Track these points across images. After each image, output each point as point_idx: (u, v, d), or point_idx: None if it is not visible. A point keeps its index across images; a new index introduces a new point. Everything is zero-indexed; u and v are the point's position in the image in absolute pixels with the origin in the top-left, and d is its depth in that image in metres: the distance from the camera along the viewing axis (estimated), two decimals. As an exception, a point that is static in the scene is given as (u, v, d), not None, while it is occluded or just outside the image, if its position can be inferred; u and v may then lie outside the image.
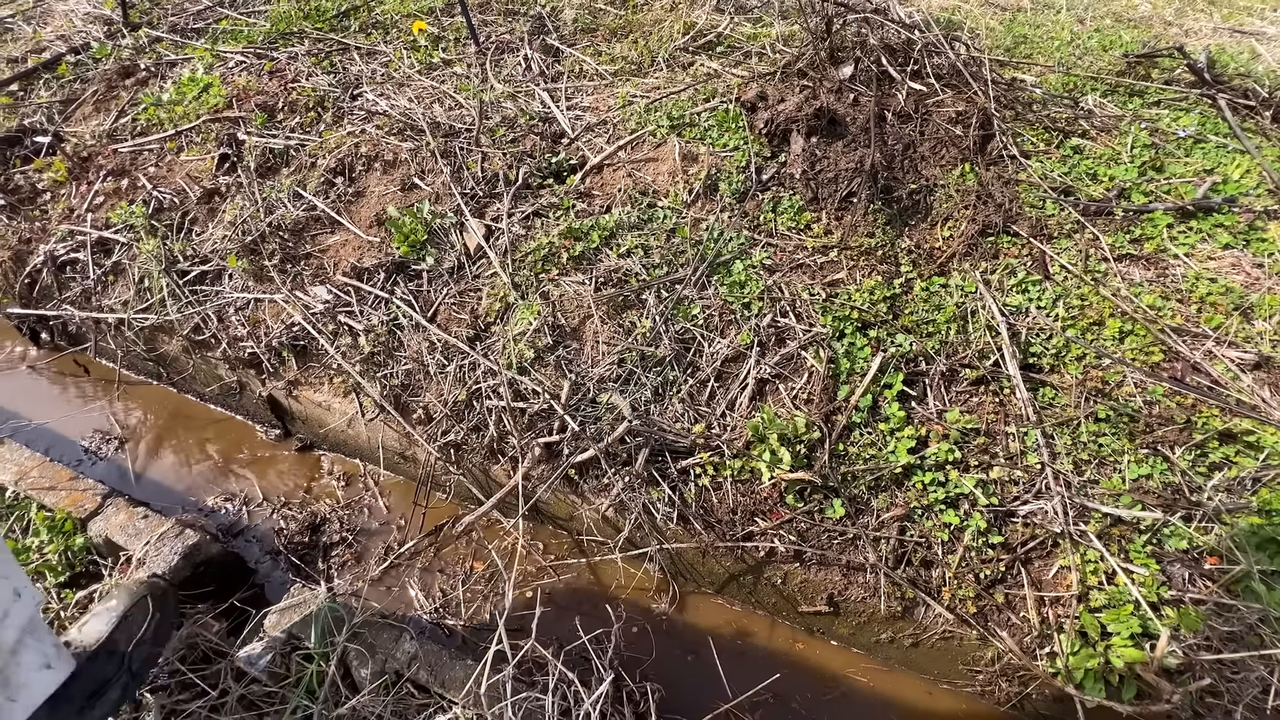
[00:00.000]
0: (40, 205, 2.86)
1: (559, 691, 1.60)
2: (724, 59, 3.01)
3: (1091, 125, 2.53)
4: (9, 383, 2.89)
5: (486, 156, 2.59)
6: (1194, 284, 2.03)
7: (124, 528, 2.02)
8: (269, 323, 2.40)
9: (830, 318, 2.08)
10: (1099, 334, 1.98)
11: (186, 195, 2.69)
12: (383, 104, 2.84)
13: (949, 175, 2.36)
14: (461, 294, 2.30)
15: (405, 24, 3.33)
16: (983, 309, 2.05)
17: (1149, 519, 1.66)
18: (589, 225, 2.34)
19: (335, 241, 2.51)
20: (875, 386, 1.95)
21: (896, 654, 1.91)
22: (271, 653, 1.72)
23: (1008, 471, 1.80)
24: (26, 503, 2.12)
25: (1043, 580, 1.71)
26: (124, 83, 3.17)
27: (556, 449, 2.02)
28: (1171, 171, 2.34)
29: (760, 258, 2.24)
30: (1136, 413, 1.80)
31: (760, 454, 1.87)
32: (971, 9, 3.42)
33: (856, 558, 1.80)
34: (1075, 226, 2.22)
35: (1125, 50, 2.95)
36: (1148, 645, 1.54)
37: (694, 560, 1.99)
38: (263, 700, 1.68)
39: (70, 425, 2.71)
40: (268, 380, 2.46)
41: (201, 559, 1.98)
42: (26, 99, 3.19)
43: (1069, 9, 3.47)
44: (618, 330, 2.13)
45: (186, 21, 3.52)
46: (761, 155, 2.48)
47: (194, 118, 2.89)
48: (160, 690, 1.69)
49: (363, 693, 1.64)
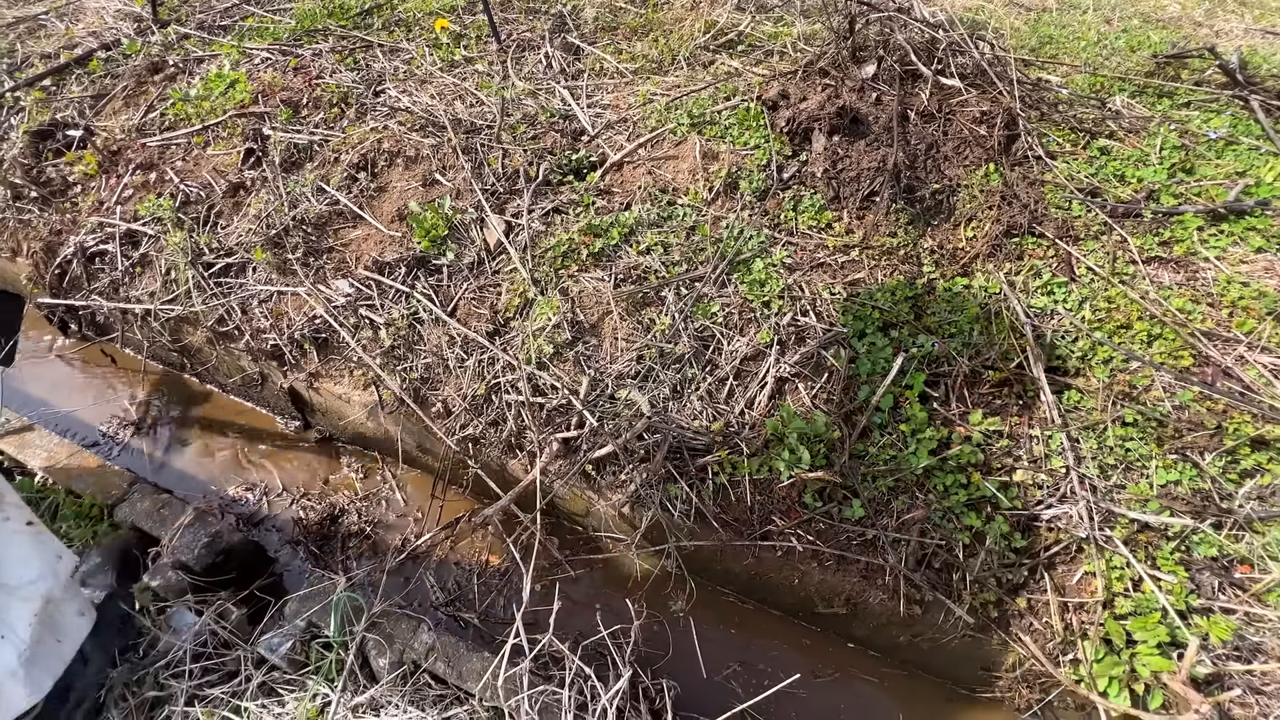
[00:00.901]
0: (71, 198, 2.92)
1: (575, 686, 1.60)
2: (745, 57, 3.00)
3: (1119, 126, 2.49)
4: (39, 371, 2.95)
5: (507, 153, 2.60)
6: (1225, 288, 1.99)
7: (149, 515, 2.06)
8: (291, 315, 2.43)
9: (851, 317, 2.07)
10: (1127, 337, 1.95)
11: (212, 189, 2.73)
12: (405, 101, 2.86)
13: (973, 175, 2.33)
14: (481, 289, 2.31)
15: (428, 22, 3.36)
16: (1007, 310, 2.03)
17: (1177, 525, 1.63)
18: (609, 222, 2.34)
19: (357, 236, 2.53)
20: (896, 387, 1.93)
21: (915, 657, 1.89)
22: (291, 640, 1.74)
23: (1031, 475, 1.78)
24: (55, 488, 2.16)
25: (1066, 586, 1.68)
26: (153, 78, 3.22)
27: (574, 444, 2.02)
28: (1202, 174, 2.30)
29: (781, 256, 2.23)
30: (1165, 417, 1.76)
31: (779, 453, 1.86)
32: (996, 9, 3.39)
33: (875, 559, 1.79)
34: (1102, 228, 2.18)
35: (1154, 51, 2.90)
36: (1175, 654, 1.51)
37: (711, 558, 1.98)
38: (283, 686, 1.70)
39: (96, 413, 2.77)
40: (289, 372, 2.48)
41: (223, 547, 2.01)
42: (59, 94, 3.25)
43: (1095, 9, 3.43)
44: (637, 327, 2.13)
45: (214, 19, 3.58)
46: (782, 154, 2.47)
47: (220, 113, 2.93)
48: (182, 675, 1.72)
49: (382, 682, 1.65)
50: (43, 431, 2.35)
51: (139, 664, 1.75)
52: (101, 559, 1.90)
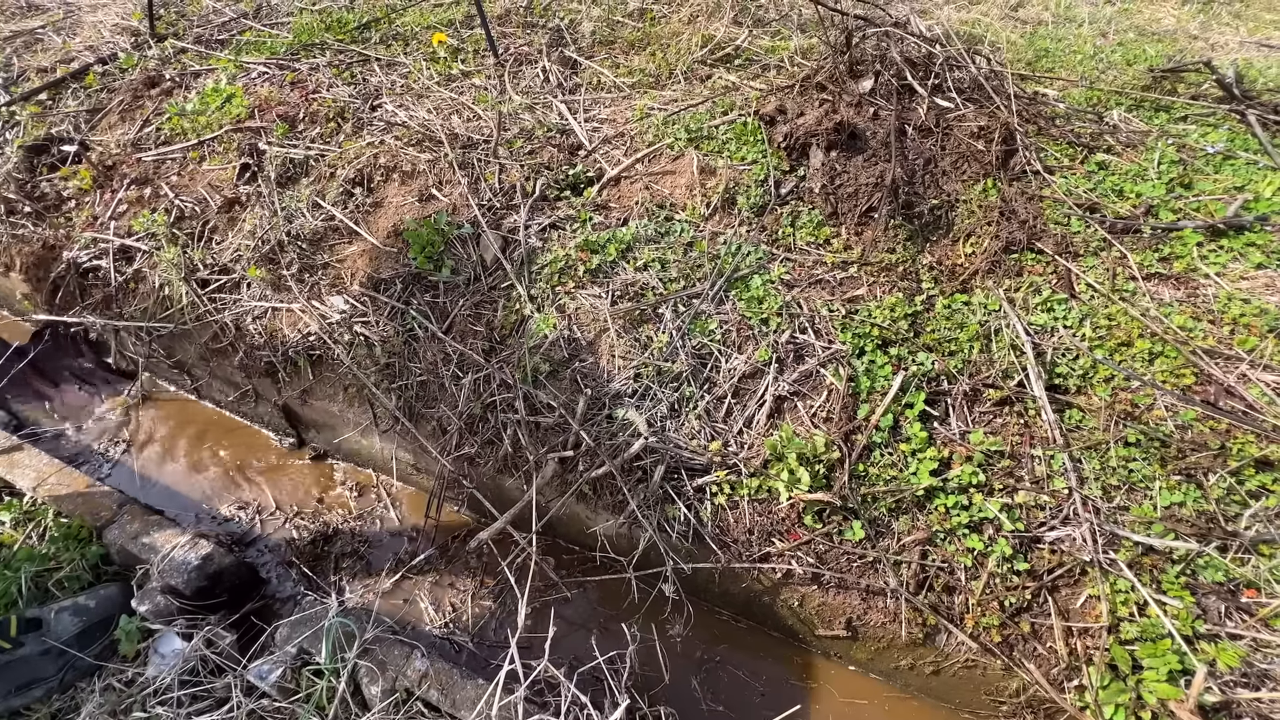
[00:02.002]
0: (65, 212, 2.90)
1: (571, 715, 1.57)
2: (742, 72, 3.00)
3: (1117, 140, 2.48)
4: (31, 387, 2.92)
5: (504, 168, 2.59)
6: (1226, 304, 1.97)
7: (138, 535, 2.03)
8: (285, 332, 2.41)
9: (850, 334, 2.05)
10: (1128, 355, 1.93)
11: (207, 204, 2.71)
12: (402, 115, 2.86)
13: (971, 191, 2.33)
14: (477, 306, 2.29)
15: (425, 36, 3.36)
16: (1007, 327, 2.01)
17: (1182, 549, 1.60)
18: (606, 238, 2.33)
19: (353, 251, 2.52)
20: (896, 406, 1.91)
21: (916, 681, 1.86)
22: (282, 667, 1.70)
23: (1034, 496, 1.76)
24: (44, 509, 2.13)
25: (1070, 609, 1.65)
26: (149, 92, 3.21)
27: (571, 464, 2.00)
28: (1200, 188, 2.29)
29: (779, 273, 2.22)
30: (1168, 437, 1.74)
31: (778, 473, 1.83)
32: (992, 22, 3.39)
33: (876, 582, 1.76)
34: (1102, 244, 2.17)
35: (1150, 64, 2.90)
36: (1182, 681, 1.48)
37: (709, 580, 1.95)
38: (272, 715, 1.67)
39: (88, 431, 2.73)
40: (283, 389, 2.46)
41: (214, 569, 1.98)
42: (55, 108, 3.25)
43: (1091, 22, 3.44)
44: (634, 345, 2.11)
45: (211, 33, 3.58)
46: (780, 169, 2.46)
47: (216, 127, 2.92)
48: (170, 704, 1.68)
49: (373, 711, 1.62)
50: (31, 450, 2.32)
51: (125, 691, 1.72)
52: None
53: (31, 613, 1.82)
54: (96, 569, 2.01)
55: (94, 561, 2.01)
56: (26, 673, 1.76)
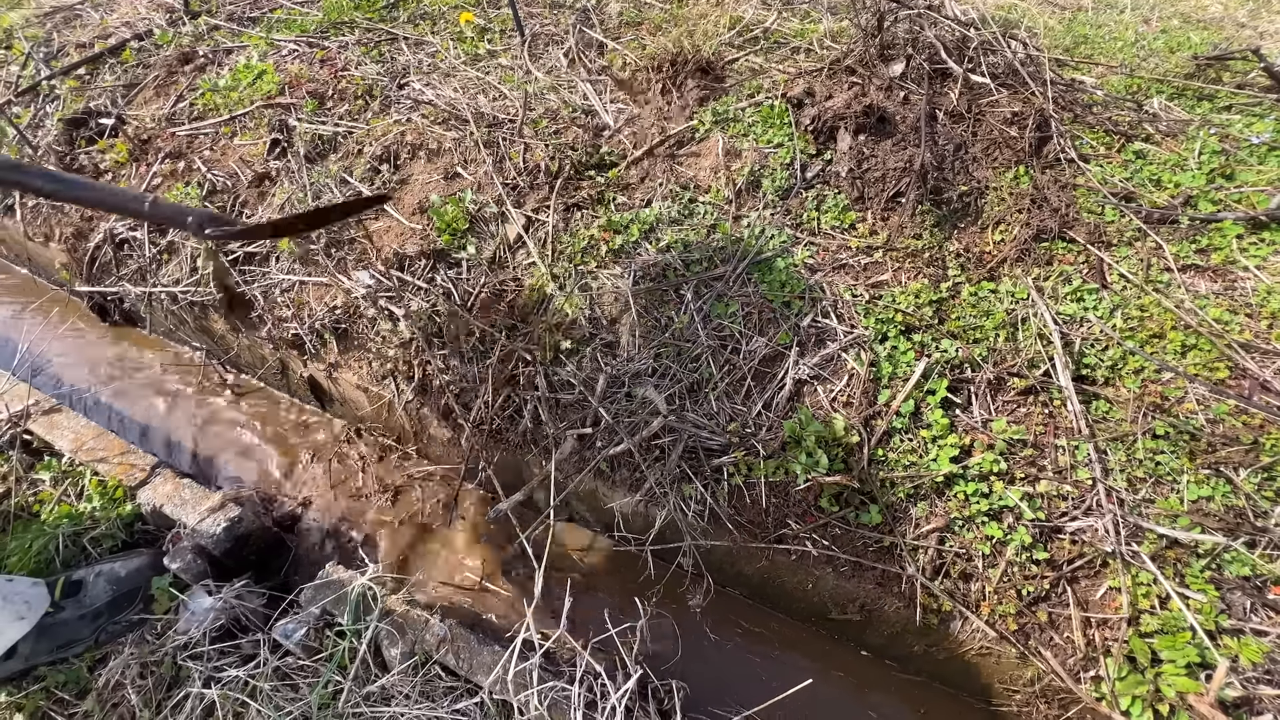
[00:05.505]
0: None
1: (585, 684, 1.59)
2: (770, 54, 2.97)
3: (1156, 129, 2.42)
4: (74, 354, 3.02)
5: (529, 147, 2.60)
6: (1265, 298, 1.92)
7: (171, 498, 2.09)
8: (312, 305, 2.46)
9: (873, 320, 2.04)
10: (1159, 347, 1.89)
11: (239, 178, 2.76)
12: (429, 94, 2.87)
13: (1002, 178, 2.28)
14: (500, 283, 2.31)
15: (453, 15, 3.36)
16: (1034, 316, 1.98)
17: (1209, 543, 1.58)
18: (629, 218, 2.33)
19: (379, 228, 2.55)
20: (918, 392, 1.90)
21: (929, 667, 1.86)
22: (306, 627, 1.76)
23: (1056, 486, 1.74)
24: (81, 470, 2.21)
25: (1090, 600, 1.64)
26: (183, 68, 3.27)
27: (590, 441, 2.01)
28: (1243, 180, 2.22)
29: (802, 256, 2.20)
30: (1198, 430, 1.71)
31: (796, 455, 1.83)
32: (1029, 7, 3.31)
33: (892, 566, 1.76)
34: (1136, 234, 2.12)
35: (1194, 52, 2.81)
36: (1202, 675, 1.47)
37: (724, 559, 1.97)
38: (296, 672, 1.72)
39: (123, 397, 2.82)
40: (309, 361, 2.51)
41: (242, 532, 2.04)
42: (93, 82, 3.32)
43: (1134, 8, 3.33)
44: (655, 325, 2.12)
45: (244, 10, 3.62)
46: (806, 152, 2.43)
47: (248, 104, 2.97)
48: (200, 658, 1.75)
49: (393, 672, 1.66)
50: (70, 413, 2.40)
51: (157, 644, 1.78)
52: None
53: (77, 575, 1.90)
54: (130, 527, 2.08)
55: (129, 520, 2.08)
56: (66, 634, 1.83)
